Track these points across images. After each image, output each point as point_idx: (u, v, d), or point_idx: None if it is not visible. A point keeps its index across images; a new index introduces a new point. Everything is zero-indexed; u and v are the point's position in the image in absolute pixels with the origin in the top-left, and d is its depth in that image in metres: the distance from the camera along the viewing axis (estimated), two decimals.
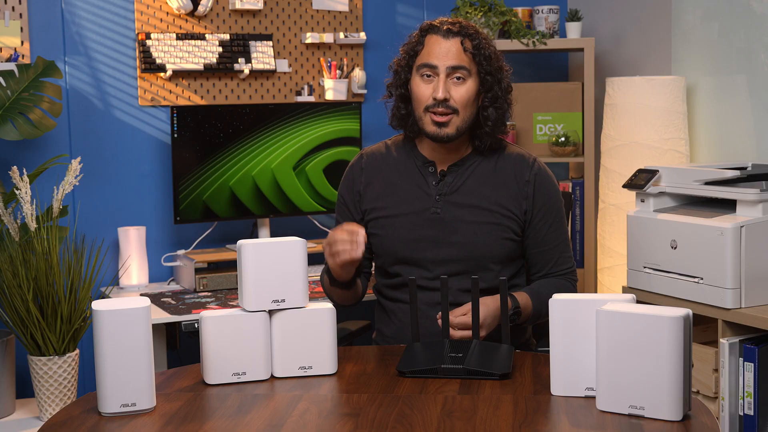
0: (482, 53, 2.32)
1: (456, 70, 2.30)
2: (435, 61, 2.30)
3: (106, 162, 3.54)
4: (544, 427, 1.74)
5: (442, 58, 2.30)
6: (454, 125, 2.31)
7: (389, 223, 2.40)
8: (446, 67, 2.30)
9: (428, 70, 2.31)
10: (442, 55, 2.30)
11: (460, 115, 2.31)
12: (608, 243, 3.65)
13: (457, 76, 2.30)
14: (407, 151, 2.45)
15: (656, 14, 3.78)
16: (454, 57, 2.30)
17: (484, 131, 2.37)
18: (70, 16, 3.45)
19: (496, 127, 2.37)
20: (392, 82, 2.43)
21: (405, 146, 2.46)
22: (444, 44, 2.31)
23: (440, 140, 2.33)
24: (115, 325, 1.81)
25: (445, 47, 2.31)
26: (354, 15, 3.90)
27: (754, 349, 2.72)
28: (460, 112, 2.31)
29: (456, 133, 2.32)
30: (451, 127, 2.31)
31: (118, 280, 3.46)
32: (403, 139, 2.48)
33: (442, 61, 2.30)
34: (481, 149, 2.40)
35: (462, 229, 2.35)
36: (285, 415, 1.81)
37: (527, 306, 2.33)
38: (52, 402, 2.95)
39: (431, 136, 2.33)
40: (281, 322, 2.02)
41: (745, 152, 3.40)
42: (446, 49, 2.30)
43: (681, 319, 1.70)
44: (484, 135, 2.37)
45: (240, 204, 3.58)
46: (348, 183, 2.49)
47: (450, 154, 2.40)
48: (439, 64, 2.30)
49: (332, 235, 2.21)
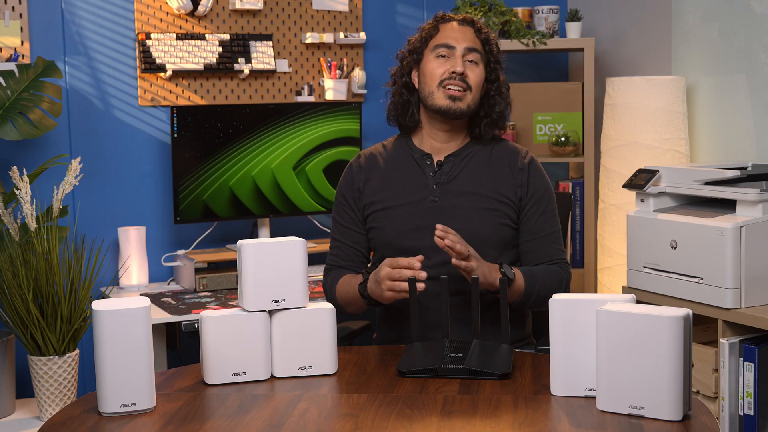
0: (492, 44, 2.47)
1: (471, 52, 2.43)
2: (453, 42, 2.43)
3: (106, 162, 3.54)
4: (544, 427, 1.74)
5: (460, 40, 2.43)
6: (467, 101, 2.41)
7: (387, 214, 2.43)
8: (463, 48, 2.42)
9: (445, 50, 2.43)
10: (460, 38, 2.44)
11: (472, 93, 2.41)
12: (608, 243, 3.65)
13: (470, 58, 2.43)
14: (404, 146, 2.50)
15: (656, 14, 3.78)
16: (471, 40, 2.44)
17: (489, 119, 2.45)
18: (70, 16, 3.45)
19: (501, 120, 2.47)
20: (398, 71, 2.51)
21: (402, 143, 2.51)
22: (460, 29, 2.45)
23: (451, 114, 2.40)
24: (115, 325, 1.81)
25: (461, 32, 2.45)
26: (354, 15, 3.90)
27: (754, 349, 2.72)
28: (473, 91, 2.41)
29: (467, 109, 2.41)
30: (464, 102, 2.41)
31: (118, 280, 3.46)
32: (399, 137, 2.53)
33: (460, 43, 2.43)
34: (480, 138, 2.46)
35: (460, 216, 2.38)
36: (285, 415, 1.81)
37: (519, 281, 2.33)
38: (52, 402, 2.95)
39: (443, 110, 2.40)
40: (281, 322, 2.02)
41: (745, 152, 3.40)
42: (462, 33, 2.44)
43: (681, 319, 1.70)
44: (488, 125, 2.45)
45: (240, 204, 3.58)
46: (347, 181, 2.52)
47: (447, 144, 2.45)
48: (456, 45, 2.43)
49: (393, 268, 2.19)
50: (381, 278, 2.21)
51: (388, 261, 2.20)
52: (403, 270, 2.16)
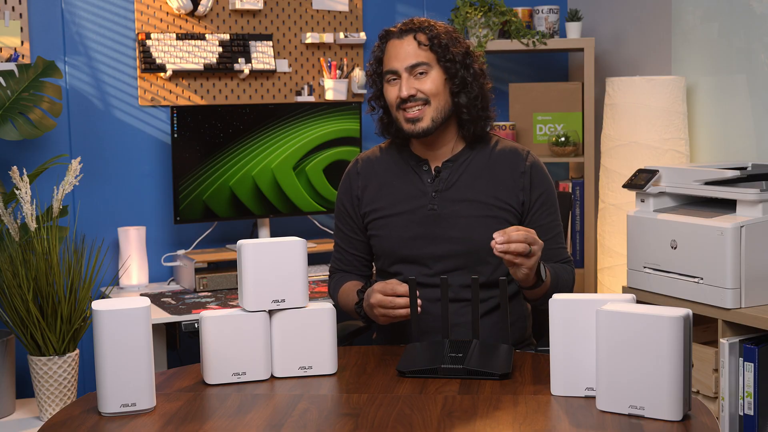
0: (437, 43, 2.36)
1: (415, 68, 2.35)
2: (395, 64, 2.36)
3: (106, 162, 3.54)
4: (544, 427, 1.74)
5: (400, 60, 2.35)
6: (428, 117, 2.35)
7: (386, 223, 2.41)
8: (405, 68, 2.35)
9: (391, 75, 2.37)
10: (400, 58, 2.35)
11: (432, 105, 2.35)
12: (608, 243, 3.65)
13: (419, 71, 2.35)
14: (400, 152, 2.47)
15: (656, 14, 3.78)
16: (411, 56, 2.35)
17: (465, 119, 2.39)
18: (70, 16, 3.45)
19: (474, 112, 2.39)
20: (372, 95, 2.48)
21: (398, 148, 2.48)
22: (399, 46, 2.36)
23: (417, 135, 2.36)
24: (115, 325, 1.81)
25: (401, 49, 2.36)
26: (354, 15, 3.90)
27: (754, 349, 2.72)
28: (431, 102, 2.35)
29: (432, 124, 2.35)
30: (425, 120, 2.35)
31: (118, 280, 3.46)
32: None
33: (401, 63, 2.35)
34: (468, 138, 2.42)
35: (459, 224, 2.36)
36: (285, 415, 1.81)
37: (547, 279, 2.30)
38: (52, 402, 2.95)
39: (407, 133, 2.37)
40: (281, 322, 2.02)
41: (745, 152, 3.40)
42: (403, 51, 2.36)
43: (681, 319, 1.70)
44: (466, 123, 2.40)
45: (240, 204, 3.58)
46: (345, 188, 2.51)
47: (440, 150, 2.42)
48: (398, 67, 2.36)
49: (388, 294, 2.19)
50: (372, 305, 2.22)
51: (378, 286, 2.20)
52: (396, 299, 2.17)
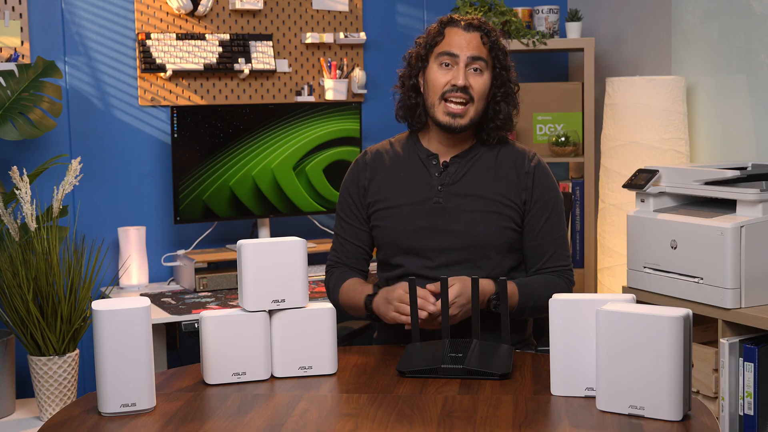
0: (499, 48, 2.40)
1: (475, 61, 2.36)
2: (456, 50, 2.36)
3: (106, 162, 3.54)
4: (544, 427, 1.74)
5: (464, 48, 2.36)
6: (469, 116, 2.36)
7: (391, 213, 2.42)
8: (467, 57, 2.36)
9: (448, 59, 2.37)
10: (464, 46, 2.36)
11: (474, 105, 2.36)
12: (608, 243, 3.65)
13: (475, 67, 2.36)
14: (411, 145, 2.47)
15: (656, 14, 3.78)
16: (475, 48, 2.37)
17: (494, 125, 2.41)
18: (70, 16, 3.45)
19: (507, 123, 2.42)
20: (405, 72, 2.46)
21: (409, 141, 2.49)
22: (465, 36, 2.37)
23: (452, 130, 2.37)
24: (115, 325, 1.82)
25: (465, 38, 2.37)
26: (354, 15, 3.90)
27: (754, 349, 2.72)
28: (475, 102, 2.36)
29: (469, 123, 2.37)
30: (466, 117, 2.36)
31: (118, 280, 3.46)
32: (407, 135, 2.51)
33: (464, 51, 2.36)
34: (488, 143, 2.43)
35: (463, 218, 2.37)
36: (285, 415, 1.81)
37: (513, 294, 2.32)
38: (52, 402, 2.95)
39: (444, 125, 2.37)
40: (281, 322, 2.02)
41: (745, 152, 3.40)
42: (467, 41, 2.37)
43: (681, 319, 1.70)
44: (493, 129, 2.41)
45: (240, 204, 3.58)
46: (353, 178, 2.50)
47: (454, 147, 2.43)
48: (460, 54, 2.36)
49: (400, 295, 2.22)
50: (392, 299, 2.23)
51: (404, 285, 2.21)
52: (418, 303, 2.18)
